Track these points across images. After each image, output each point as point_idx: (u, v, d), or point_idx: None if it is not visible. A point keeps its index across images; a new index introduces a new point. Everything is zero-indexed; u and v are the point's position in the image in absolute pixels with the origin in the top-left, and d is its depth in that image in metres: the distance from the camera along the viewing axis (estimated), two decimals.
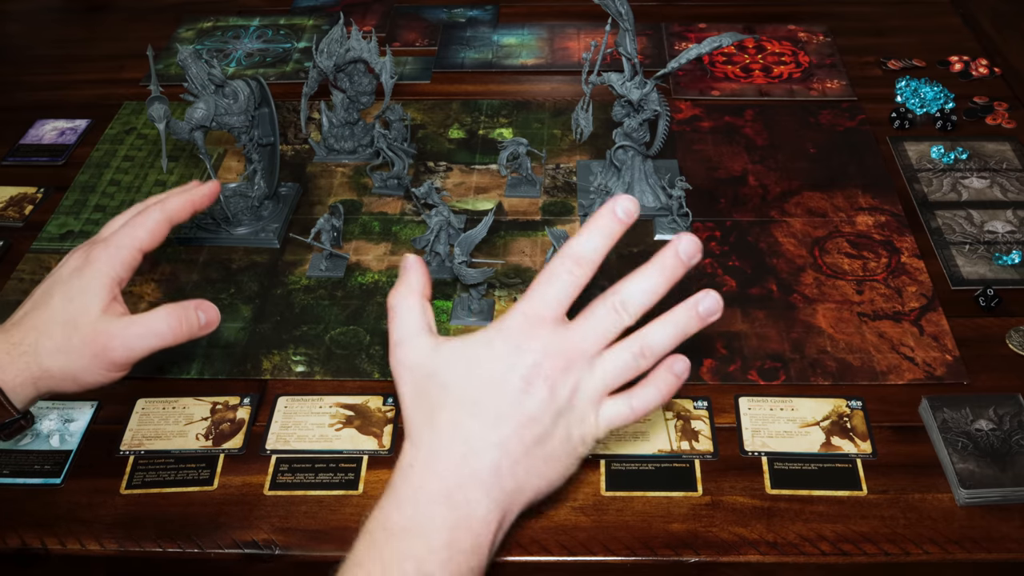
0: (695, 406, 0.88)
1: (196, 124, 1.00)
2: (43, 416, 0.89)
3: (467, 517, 0.60)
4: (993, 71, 1.33)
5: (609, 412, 0.65)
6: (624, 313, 0.63)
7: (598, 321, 0.63)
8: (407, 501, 0.60)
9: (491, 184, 1.15)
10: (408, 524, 0.59)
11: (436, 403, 0.62)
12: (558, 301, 0.63)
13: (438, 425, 0.62)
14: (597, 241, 0.64)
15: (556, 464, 0.64)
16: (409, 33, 1.46)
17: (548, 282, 0.63)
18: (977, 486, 0.79)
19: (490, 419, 0.61)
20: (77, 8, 1.60)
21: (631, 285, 0.64)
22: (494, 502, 0.61)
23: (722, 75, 1.34)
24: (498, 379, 0.62)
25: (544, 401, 0.61)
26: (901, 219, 1.08)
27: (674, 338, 0.65)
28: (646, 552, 0.77)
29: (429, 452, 0.61)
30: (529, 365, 0.62)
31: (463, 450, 0.61)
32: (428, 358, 0.64)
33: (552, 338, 0.62)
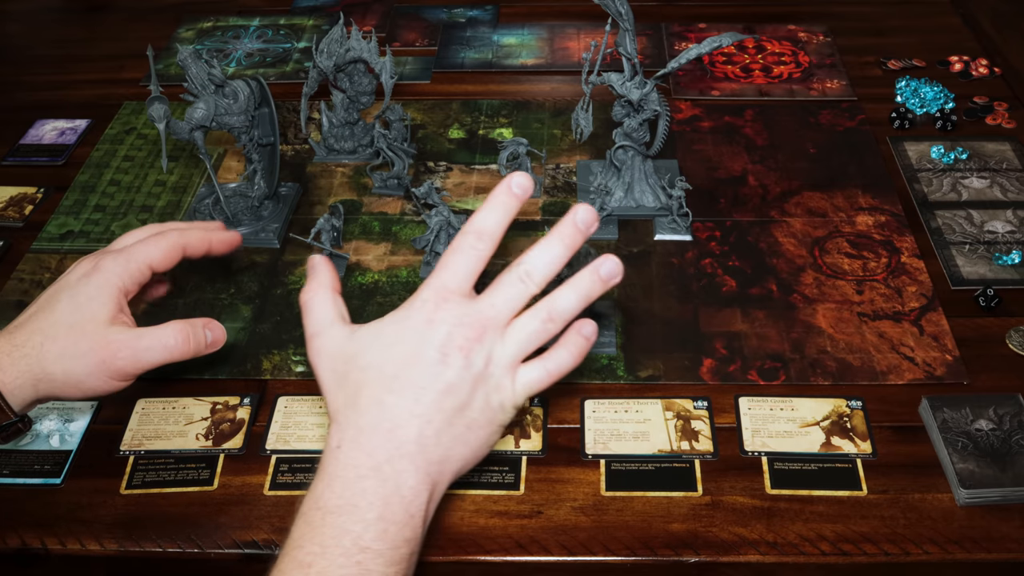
0: (695, 406, 0.88)
1: (196, 124, 1.00)
2: (43, 416, 0.89)
3: (397, 489, 0.62)
4: (993, 71, 1.33)
5: (525, 377, 0.67)
6: (530, 282, 0.66)
7: (506, 291, 0.66)
8: (338, 480, 0.62)
9: (491, 184, 1.15)
10: (341, 502, 0.61)
11: (357, 384, 0.65)
12: (465, 275, 0.66)
13: (361, 404, 0.64)
14: (497, 215, 0.67)
15: (479, 431, 0.66)
16: (409, 33, 1.46)
17: (454, 258, 0.66)
18: (977, 486, 0.79)
19: (410, 392, 0.64)
20: (77, 8, 1.60)
21: (534, 256, 0.66)
22: (422, 472, 0.63)
23: (722, 75, 1.34)
24: (414, 353, 0.64)
25: (460, 370, 0.64)
26: (901, 219, 1.08)
27: (579, 302, 0.67)
28: (646, 552, 0.77)
29: (355, 431, 0.63)
30: (443, 336, 0.64)
31: (388, 425, 0.63)
32: (345, 344, 0.67)
33: (463, 309, 0.65)
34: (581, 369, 0.92)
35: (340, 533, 0.60)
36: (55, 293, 0.76)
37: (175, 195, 1.15)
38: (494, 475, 0.83)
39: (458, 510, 0.81)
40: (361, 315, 0.98)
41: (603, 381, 0.91)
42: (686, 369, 0.92)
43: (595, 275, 0.67)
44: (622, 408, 0.88)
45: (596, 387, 0.91)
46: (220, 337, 0.79)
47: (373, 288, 1.02)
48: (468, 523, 0.80)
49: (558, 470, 0.84)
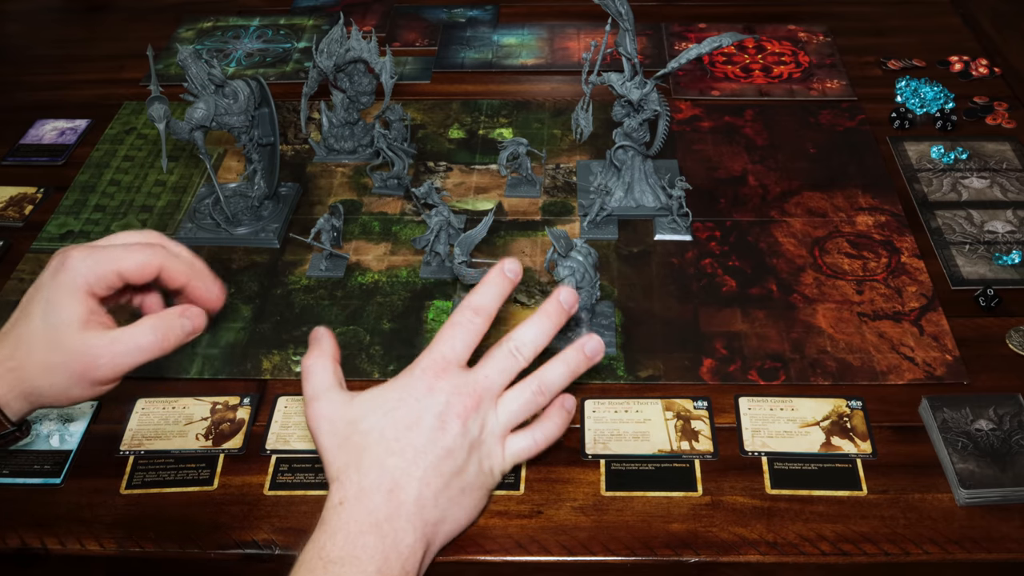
0: (695, 406, 0.88)
1: (196, 124, 1.00)
2: (43, 416, 0.89)
3: (396, 545, 0.66)
4: (993, 71, 1.33)
5: (514, 446, 0.73)
6: (520, 356, 0.72)
7: (498, 364, 0.71)
8: (340, 533, 0.66)
9: (491, 184, 1.15)
10: (342, 554, 0.65)
11: (359, 447, 0.69)
12: (462, 347, 0.72)
13: (363, 465, 0.68)
14: (492, 294, 0.73)
15: (472, 495, 0.72)
16: (409, 33, 1.46)
17: (452, 331, 0.72)
18: (977, 486, 0.79)
19: (411, 456, 0.68)
20: (77, 8, 1.60)
21: (524, 332, 0.72)
22: (419, 532, 0.67)
23: (722, 75, 1.34)
24: (415, 419, 0.69)
25: (458, 436, 0.69)
26: (901, 219, 1.08)
27: (567, 376, 0.74)
28: (646, 552, 0.77)
29: (357, 489, 0.68)
30: (442, 405, 0.69)
31: (388, 485, 0.67)
32: (345, 408, 0.71)
33: (460, 380, 0.70)
34: None
35: None
36: (31, 296, 0.73)
37: (175, 195, 1.15)
38: None
39: None
40: (361, 315, 0.98)
41: (603, 381, 0.91)
42: (686, 369, 0.92)
43: (580, 353, 0.74)
44: (622, 408, 0.88)
45: (596, 387, 0.91)
46: (200, 323, 0.75)
47: (373, 288, 1.02)
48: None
49: (558, 470, 0.84)
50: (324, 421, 0.71)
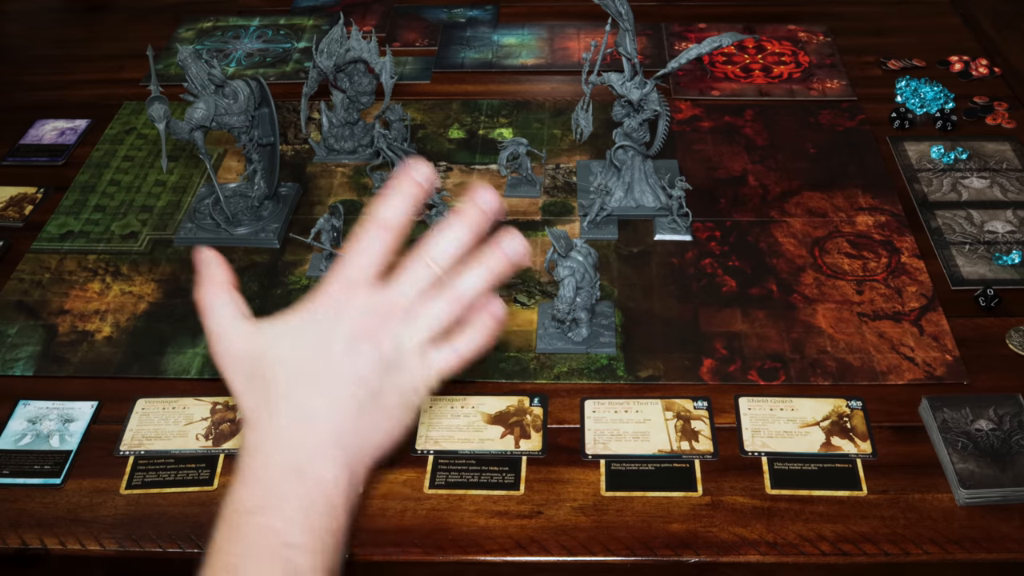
0: (695, 406, 0.88)
1: (196, 124, 1.00)
2: (43, 416, 0.89)
3: (317, 483, 0.62)
4: (993, 71, 1.33)
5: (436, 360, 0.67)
6: (434, 265, 0.66)
7: (410, 277, 0.66)
8: (257, 481, 0.62)
9: (491, 184, 1.15)
10: (262, 502, 0.61)
11: (267, 383, 0.65)
12: (370, 264, 0.66)
13: (274, 403, 0.64)
14: (400, 206, 0.67)
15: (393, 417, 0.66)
16: (409, 33, 1.46)
17: (358, 249, 0.66)
18: (977, 486, 0.79)
19: (322, 387, 0.64)
20: (77, 8, 1.60)
21: (438, 240, 0.67)
22: (340, 463, 0.63)
23: (722, 75, 1.34)
24: (323, 347, 0.64)
25: (370, 360, 0.64)
26: (901, 219, 1.08)
27: (485, 281, 0.67)
28: (646, 552, 0.77)
29: (270, 430, 0.64)
30: (351, 327, 0.64)
31: (301, 422, 0.63)
32: (251, 342, 0.66)
33: (369, 299, 0.65)
34: (581, 369, 0.92)
35: (263, 533, 0.61)
36: None
37: (175, 195, 1.15)
38: (494, 475, 0.83)
39: (458, 510, 0.81)
40: None
41: (603, 381, 0.91)
42: (686, 369, 0.92)
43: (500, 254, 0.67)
44: (622, 408, 0.88)
45: (596, 387, 0.91)
46: None
47: None
48: (468, 523, 0.80)
49: (558, 470, 0.84)
50: (230, 359, 0.66)
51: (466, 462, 0.84)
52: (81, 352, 0.95)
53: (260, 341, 0.66)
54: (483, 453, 0.85)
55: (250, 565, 0.60)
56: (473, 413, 0.88)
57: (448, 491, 0.82)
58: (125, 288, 1.02)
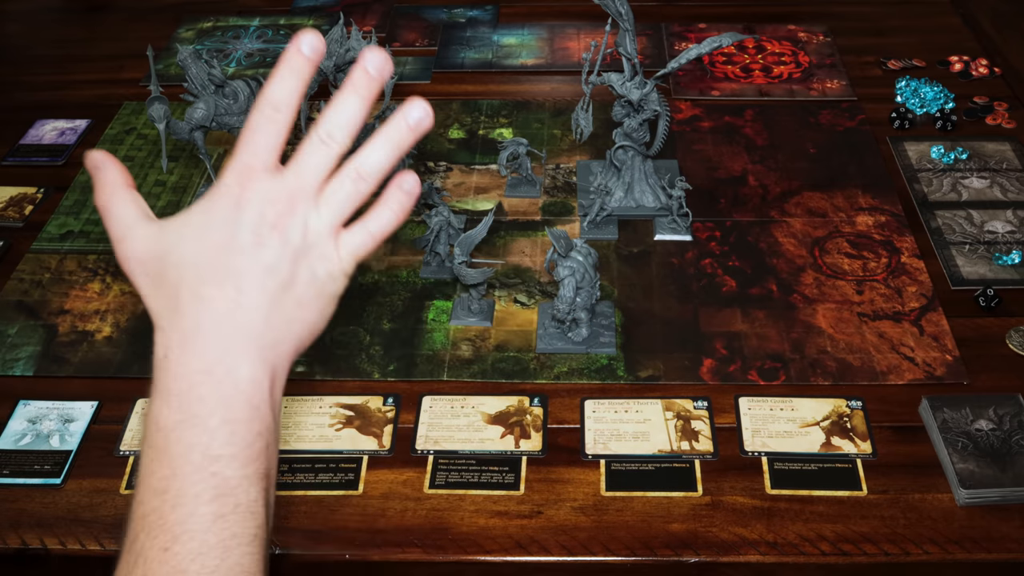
0: (695, 406, 0.88)
1: (196, 124, 1.00)
2: (43, 416, 0.89)
3: (235, 386, 0.59)
4: (993, 71, 1.33)
5: (349, 242, 0.64)
6: (332, 142, 0.63)
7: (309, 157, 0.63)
8: (172, 393, 0.59)
9: (491, 184, 1.15)
10: (180, 416, 0.58)
11: (173, 284, 0.62)
12: (266, 149, 0.62)
13: (181, 305, 0.61)
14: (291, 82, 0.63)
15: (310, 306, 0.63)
16: (409, 33, 1.46)
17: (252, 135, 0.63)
18: (977, 486, 0.79)
19: (230, 282, 0.61)
20: (77, 8, 1.60)
21: (331, 114, 0.63)
22: (257, 361, 0.60)
23: (722, 75, 1.34)
24: (227, 240, 0.61)
25: (277, 248, 0.61)
26: (901, 219, 1.08)
27: (390, 155, 0.64)
28: (646, 552, 0.77)
29: (180, 335, 0.60)
30: (254, 217, 0.61)
31: (211, 322, 0.60)
32: (155, 243, 0.63)
33: (269, 185, 0.62)
34: (581, 369, 0.92)
35: (187, 449, 0.58)
36: None
37: (175, 195, 1.15)
38: (494, 475, 0.83)
39: (458, 510, 0.81)
40: (361, 315, 0.98)
41: (603, 381, 0.91)
42: (686, 369, 0.92)
43: (402, 122, 0.64)
44: (622, 408, 0.88)
45: (596, 387, 0.91)
46: None
47: (373, 288, 1.02)
48: (468, 523, 0.80)
49: (558, 470, 0.84)
50: (136, 263, 0.63)
51: (466, 462, 0.84)
52: (81, 352, 0.95)
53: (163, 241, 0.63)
54: (483, 453, 0.85)
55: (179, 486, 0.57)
56: (473, 413, 0.88)
57: (448, 491, 0.82)
58: (125, 288, 1.02)
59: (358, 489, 0.82)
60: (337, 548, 0.78)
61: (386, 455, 0.85)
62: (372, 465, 0.84)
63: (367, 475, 0.84)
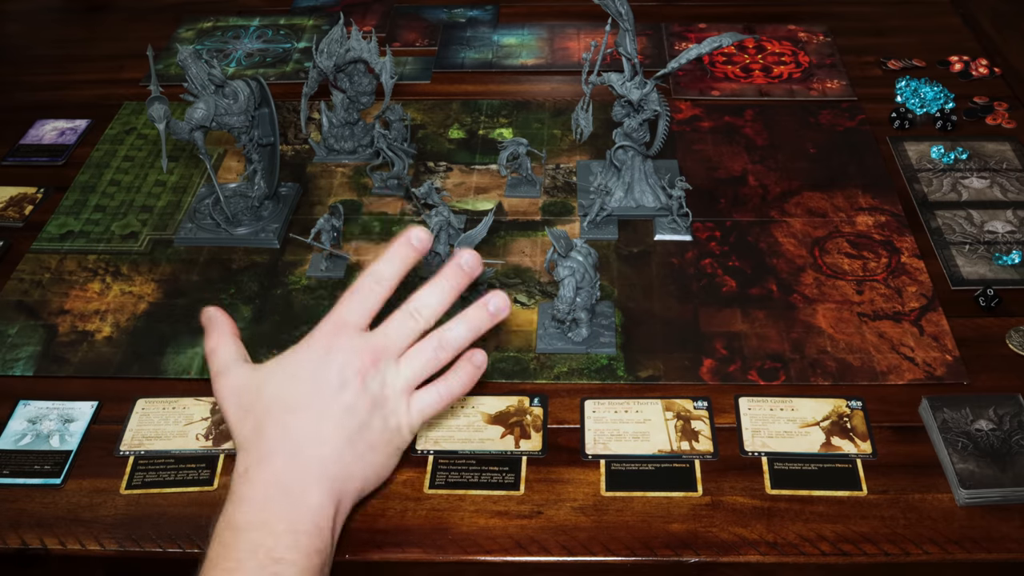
0: (695, 406, 0.88)
1: (196, 124, 1.00)
2: (43, 416, 0.89)
3: (303, 505, 0.66)
4: (993, 71, 1.33)
5: (420, 402, 0.72)
6: (419, 317, 0.72)
7: (397, 325, 0.72)
8: (247, 501, 0.66)
9: (491, 184, 1.15)
10: (251, 519, 0.65)
11: (261, 414, 0.69)
12: (361, 312, 0.71)
13: (266, 432, 0.69)
14: (396, 266, 0.72)
15: (378, 452, 0.71)
16: (409, 33, 1.46)
17: (353, 297, 0.72)
18: (977, 486, 0.79)
19: (312, 417, 0.68)
20: (77, 8, 1.60)
21: (423, 294, 0.72)
22: (326, 489, 0.67)
23: (722, 75, 1.34)
24: (314, 380, 0.69)
25: (357, 393, 0.69)
26: (901, 219, 1.08)
27: (469, 333, 0.73)
28: (646, 552, 0.77)
29: (260, 456, 0.68)
30: (340, 363, 0.69)
31: (291, 447, 0.68)
32: (249, 379, 0.72)
33: (358, 340, 0.70)
34: (581, 369, 0.92)
35: (253, 548, 0.64)
36: None
37: (175, 195, 1.15)
38: (494, 475, 0.83)
39: (458, 510, 0.81)
40: None
41: (603, 381, 0.91)
42: (686, 369, 0.92)
43: (483, 310, 0.73)
44: (622, 408, 0.88)
45: (596, 387, 0.91)
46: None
47: None
48: (468, 523, 0.80)
49: (558, 470, 0.84)
50: (230, 393, 0.71)
51: (466, 462, 0.84)
52: (81, 352, 0.95)
53: (257, 377, 0.71)
54: (483, 453, 0.85)
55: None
56: (473, 413, 0.88)
57: (448, 491, 0.82)
58: (125, 288, 1.02)
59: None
60: (337, 548, 0.78)
61: None
62: None
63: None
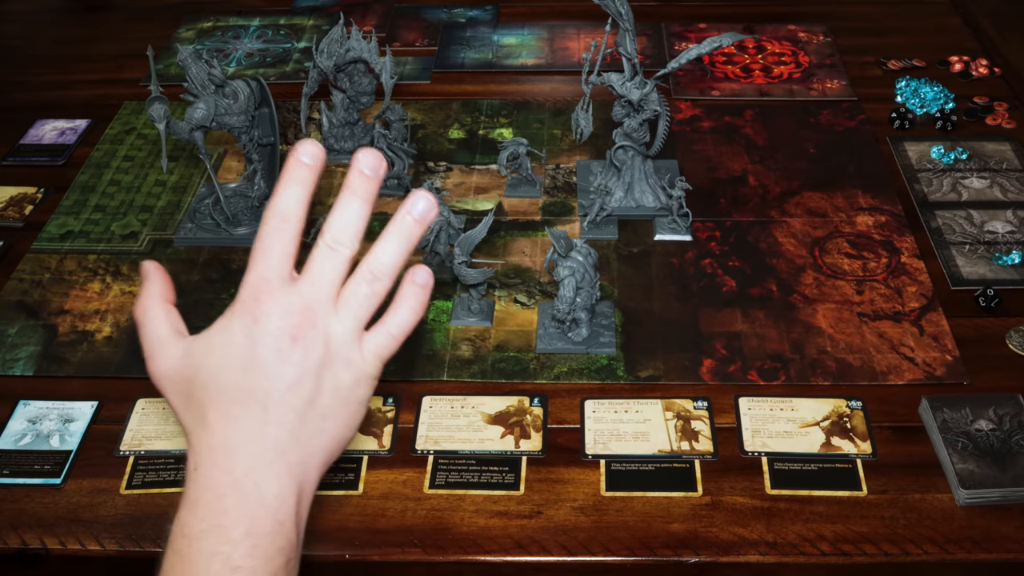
0: (695, 406, 0.88)
1: (196, 124, 1.00)
2: (43, 416, 0.89)
3: (261, 500, 0.60)
4: (993, 71, 1.33)
5: (371, 345, 0.65)
6: (340, 247, 0.63)
7: (320, 265, 0.63)
8: (199, 503, 0.61)
9: (491, 184, 1.15)
10: (205, 525, 0.60)
11: (201, 402, 0.63)
12: (279, 260, 0.63)
13: (210, 423, 0.62)
14: (295, 191, 0.63)
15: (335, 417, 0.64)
16: (409, 33, 1.46)
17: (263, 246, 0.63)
18: (977, 486, 0.79)
19: (255, 402, 0.62)
20: (77, 8, 1.60)
21: (335, 219, 0.63)
22: (284, 477, 0.61)
23: (722, 75, 1.34)
24: (249, 358, 0.62)
25: (300, 363, 0.61)
26: (901, 219, 1.08)
27: (401, 251, 0.65)
28: (646, 552, 0.77)
29: (208, 450, 0.62)
30: (273, 333, 0.61)
31: (239, 438, 0.61)
32: (181, 363, 0.64)
33: (285, 298, 0.62)
34: (581, 369, 0.92)
35: (209, 558, 0.59)
36: None
37: (175, 195, 1.15)
38: (494, 475, 0.83)
39: (458, 510, 0.81)
40: None
41: (603, 381, 0.91)
42: (686, 369, 0.92)
43: (408, 217, 0.65)
44: (622, 408, 0.88)
45: (596, 387, 0.91)
46: None
47: None
48: (468, 523, 0.80)
49: (558, 470, 0.84)
50: (166, 381, 0.65)
51: (466, 462, 0.84)
52: (81, 352, 0.95)
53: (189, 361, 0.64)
54: (483, 453, 0.85)
55: None
56: (473, 413, 0.88)
57: (448, 491, 0.82)
58: (125, 288, 1.02)
59: (358, 489, 0.82)
60: (337, 548, 0.78)
61: (386, 455, 0.85)
62: (372, 465, 0.84)
63: (367, 475, 0.84)
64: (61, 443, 0.87)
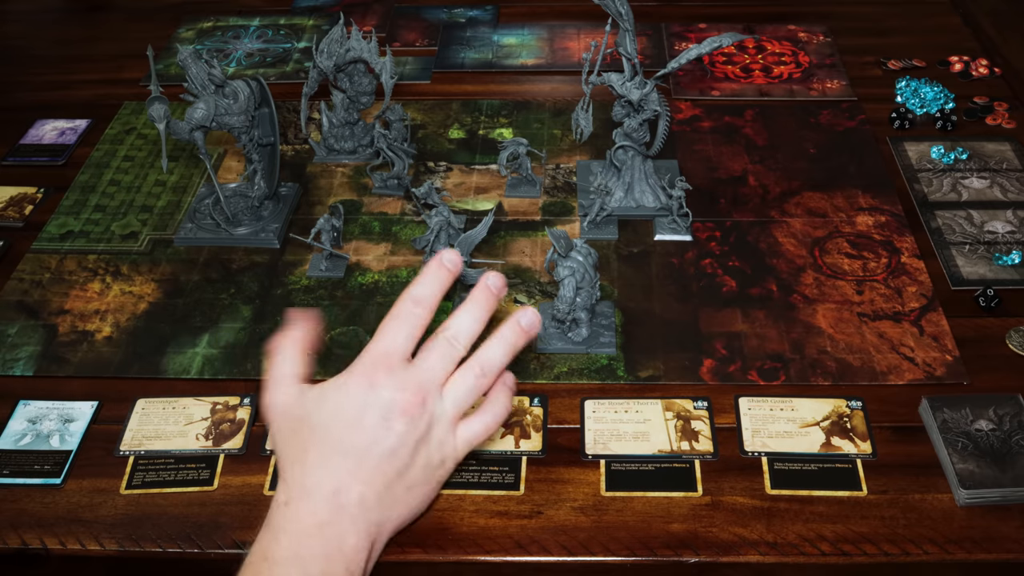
0: (695, 406, 0.88)
1: (196, 124, 1.00)
2: (43, 416, 0.89)
3: (339, 547, 0.66)
4: (993, 71, 1.33)
5: (466, 432, 0.72)
6: (457, 344, 0.71)
7: (437, 354, 0.71)
8: (284, 534, 0.66)
9: (491, 184, 1.15)
10: (287, 555, 0.65)
11: (305, 444, 0.69)
12: (404, 340, 0.71)
13: (308, 464, 0.68)
14: (433, 287, 0.72)
15: (417, 492, 0.71)
16: (409, 33, 1.46)
17: (393, 324, 0.71)
18: (977, 486, 0.79)
19: (354, 456, 0.68)
20: (77, 8, 1.60)
21: (457, 320, 0.72)
22: (362, 533, 0.68)
23: (722, 75, 1.34)
24: (358, 418, 0.68)
25: (402, 435, 0.68)
26: (901, 219, 1.08)
27: (506, 353, 0.73)
28: (646, 552, 0.77)
29: (301, 489, 0.68)
30: (386, 402, 0.68)
31: (331, 487, 0.67)
32: (296, 402, 0.71)
33: (402, 375, 0.69)
34: (581, 369, 0.92)
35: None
36: None
37: (175, 195, 1.15)
38: (494, 475, 0.83)
39: (458, 510, 0.81)
40: (361, 315, 0.98)
41: (603, 381, 0.91)
42: (686, 369, 0.92)
43: (517, 327, 0.73)
44: (622, 408, 0.88)
45: (596, 387, 0.91)
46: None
47: (373, 288, 1.02)
48: (468, 523, 0.80)
49: (558, 470, 0.84)
50: (276, 414, 0.71)
51: (466, 462, 0.84)
52: (81, 352, 0.95)
53: (303, 404, 0.70)
54: (483, 453, 0.85)
55: None
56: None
57: (448, 491, 0.82)
58: (125, 288, 1.03)
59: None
60: None
61: None
62: None
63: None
64: (61, 443, 0.87)
